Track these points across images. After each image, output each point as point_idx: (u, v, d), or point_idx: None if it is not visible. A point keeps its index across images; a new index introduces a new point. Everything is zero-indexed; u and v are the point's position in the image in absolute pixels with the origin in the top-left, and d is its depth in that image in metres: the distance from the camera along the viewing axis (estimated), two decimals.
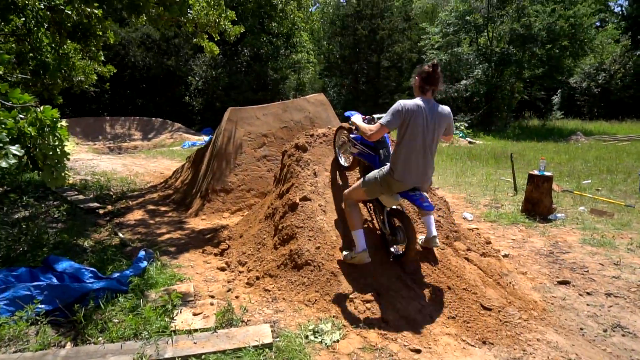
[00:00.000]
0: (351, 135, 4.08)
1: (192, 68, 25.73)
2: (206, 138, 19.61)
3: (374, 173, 3.47)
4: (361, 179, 3.61)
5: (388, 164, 3.37)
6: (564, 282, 3.94)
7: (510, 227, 5.82)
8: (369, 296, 3.45)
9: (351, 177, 4.62)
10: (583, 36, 21.89)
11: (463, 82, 25.17)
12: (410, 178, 3.24)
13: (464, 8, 23.88)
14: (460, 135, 20.08)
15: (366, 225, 4.04)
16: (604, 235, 5.31)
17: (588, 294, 3.72)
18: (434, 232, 3.75)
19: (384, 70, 32.42)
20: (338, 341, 2.91)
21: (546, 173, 6.24)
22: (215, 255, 4.73)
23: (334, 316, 3.20)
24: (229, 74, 24.55)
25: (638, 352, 2.89)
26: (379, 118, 3.45)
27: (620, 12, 36.57)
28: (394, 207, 3.69)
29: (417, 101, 3.19)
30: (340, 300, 3.38)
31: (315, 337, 2.94)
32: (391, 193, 3.37)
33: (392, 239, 3.71)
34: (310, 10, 33.85)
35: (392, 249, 3.77)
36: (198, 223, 6.09)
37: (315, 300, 3.45)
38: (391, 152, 3.60)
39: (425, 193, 3.50)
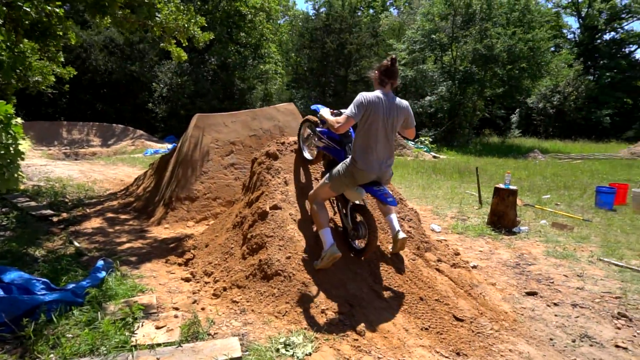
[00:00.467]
0: (317, 129, 4.05)
1: (156, 74, 25.13)
2: (170, 146, 19.10)
3: (338, 167, 3.52)
4: (326, 176, 3.63)
5: (347, 160, 3.44)
6: (532, 293, 3.99)
7: (477, 239, 5.89)
8: (341, 307, 3.36)
9: None
10: (540, 59, 23.01)
11: (427, 98, 25.84)
12: (372, 167, 3.31)
13: (429, 27, 24.61)
14: (425, 149, 20.51)
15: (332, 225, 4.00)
16: (565, 247, 5.46)
17: (555, 304, 3.78)
18: (398, 227, 3.77)
19: (351, 84, 32.80)
20: (310, 354, 2.79)
21: (511, 187, 6.39)
22: (180, 265, 4.52)
23: (305, 328, 3.08)
24: (195, 81, 24.14)
25: None
26: None
27: (573, 39, 38.73)
28: (357, 202, 3.72)
29: (377, 93, 3.31)
30: (312, 311, 3.27)
31: (287, 350, 2.81)
32: (355, 185, 3.41)
33: (354, 234, 3.75)
34: (279, 22, 34.02)
35: (353, 244, 3.82)
36: (161, 232, 5.83)
37: (286, 311, 3.32)
38: None
39: (387, 189, 3.53)
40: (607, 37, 38.20)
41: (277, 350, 2.82)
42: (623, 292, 4.02)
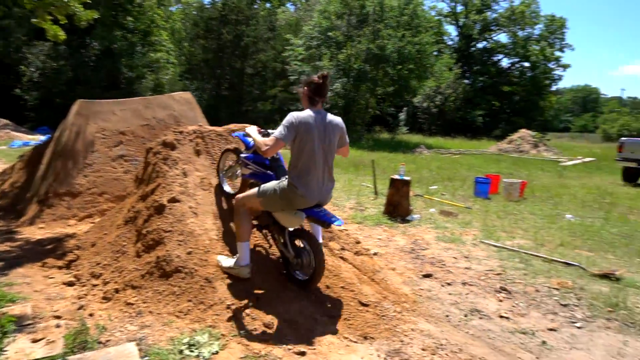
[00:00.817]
0: (242, 155, 3.68)
1: (25, 56, 22.13)
2: (43, 138, 16.94)
3: (273, 184, 3.21)
4: (258, 188, 3.29)
5: (285, 178, 3.14)
6: (428, 275, 4.26)
7: (375, 227, 6.14)
8: (247, 302, 3.23)
9: None
10: (426, 62, 24.89)
11: None
12: (313, 192, 3.06)
13: (326, 24, 25.16)
14: None
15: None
16: (453, 233, 5.94)
17: (448, 284, 4.07)
18: (320, 240, 3.58)
19: (247, 78, 32.30)
20: (217, 353, 2.64)
21: (405, 177, 6.78)
22: (60, 268, 4.00)
23: (210, 326, 2.91)
24: (74, 67, 21.75)
25: (493, 330, 3.22)
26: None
27: (453, 46, 42.62)
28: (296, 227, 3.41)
29: (309, 112, 3.08)
30: (217, 308, 3.09)
31: (191, 351, 2.62)
32: (292, 210, 3.13)
33: (297, 262, 3.35)
34: (170, 9, 32.13)
35: (295, 275, 3.43)
36: (34, 232, 5.12)
37: (188, 310, 3.10)
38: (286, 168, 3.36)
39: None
40: (480, 45, 42.75)
41: (181, 352, 2.61)
42: (502, 269, 4.49)
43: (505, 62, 42.67)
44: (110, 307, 3.18)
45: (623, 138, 13.50)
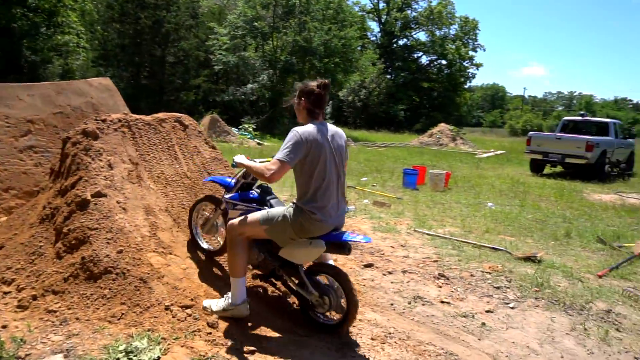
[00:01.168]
0: (226, 197, 3.19)
1: None
2: None
3: (281, 209, 2.78)
4: (260, 213, 2.83)
5: (291, 206, 2.75)
6: (369, 265, 4.30)
7: None
8: (188, 301, 3.02)
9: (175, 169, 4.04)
10: (351, 56, 25.35)
11: (249, 85, 25.97)
12: (330, 215, 2.70)
13: (252, 14, 24.64)
14: (249, 136, 20.61)
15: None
16: (388, 222, 6.07)
17: (389, 273, 4.14)
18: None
19: (169, 66, 30.73)
20: (159, 358, 2.42)
21: None
22: None
23: (149, 330, 2.67)
24: None
25: (437, 316, 3.31)
26: (262, 161, 2.88)
27: (376, 42, 43.89)
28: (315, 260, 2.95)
29: (314, 127, 2.67)
30: (154, 310, 2.85)
31: (130, 359, 2.38)
32: (306, 240, 2.71)
33: (323, 303, 2.82)
34: None
35: (318, 317, 2.93)
36: None
37: (122, 314, 2.82)
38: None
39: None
40: (401, 42, 44.46)
41: None
42: (438, 256, 4.66)
43: (424, 59, 44.90)
44: (28, 316, 2.81)
45: (531, 132, 14.76)
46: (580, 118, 14.48)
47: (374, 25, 45.32)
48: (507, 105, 73.56)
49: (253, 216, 2.84)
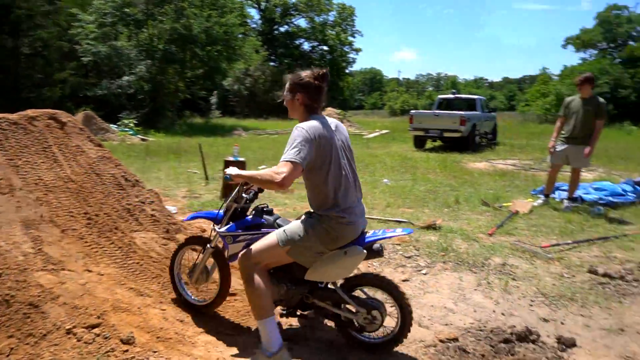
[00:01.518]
0: (221, 231, 2.71)
1: None
2: None
3: (298, 224, 2.40)
4: (270, 235, 2.46)
5: (309, 216, 2.43)
6: None
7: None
8: (94, 319, 2.67)
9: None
10: (234, 43, 24.67)
11: (125, 78, 23.93)
12: (357, 215, 2.42)
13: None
14: (131, 132, 19.09)
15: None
16: (294, 208, 6.06)
17: None
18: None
19: (25, 59, 26.89)
20: None
21: (240, 158, 6.61)
22: None
23: None
24: None
25: None
26: (259, 169, 2.49)
27: (257, 29, 43.38)
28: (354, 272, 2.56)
29: (318, 122, 2.38)
30: (53, 337, 2.46)
31: None
32: (339, 250, 2.37)
33: (369, 320, 2.47)
34: None
35: (363, 337, 2.57)
36: None
37: (12, 349, 2.38)
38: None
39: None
40: (282, 29, 44.57)
41: None
42: None
43: (306, 46, 45.60)
44: None
45: (412, 111, 15.88)
46: (452, 96, 15.99)
47: (253, 12, 44.70)
48: (384, 88, 78.37)
49: (267, 240, 2.46)
